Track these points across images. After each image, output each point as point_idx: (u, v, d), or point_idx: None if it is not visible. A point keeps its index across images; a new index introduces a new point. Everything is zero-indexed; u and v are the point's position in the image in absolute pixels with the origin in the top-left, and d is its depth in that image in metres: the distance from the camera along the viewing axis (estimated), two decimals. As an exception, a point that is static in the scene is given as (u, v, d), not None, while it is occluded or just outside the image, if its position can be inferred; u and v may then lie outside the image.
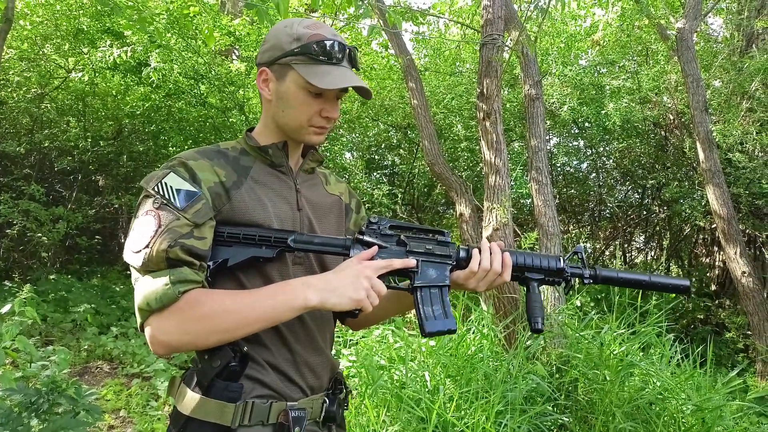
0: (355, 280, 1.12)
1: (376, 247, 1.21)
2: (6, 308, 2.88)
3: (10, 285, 6.57)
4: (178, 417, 1.15)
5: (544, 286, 1.37)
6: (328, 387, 1.31)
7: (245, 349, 1.13)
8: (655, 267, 9.04)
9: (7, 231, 7.18)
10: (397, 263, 1.19)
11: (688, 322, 7.04)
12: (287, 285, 1.12)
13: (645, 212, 8.95)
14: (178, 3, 6.33)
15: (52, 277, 7.28)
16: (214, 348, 1.10)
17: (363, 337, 4.21)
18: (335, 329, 1.42)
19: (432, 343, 3.66)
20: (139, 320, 1.07)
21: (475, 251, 1.27)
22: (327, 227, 1.34)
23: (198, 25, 6.63)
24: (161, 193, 1.10)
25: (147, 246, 1.05)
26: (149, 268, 1.05)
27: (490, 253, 1.26)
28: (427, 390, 3.20)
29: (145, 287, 1.05)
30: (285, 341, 1.22)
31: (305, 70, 1.19)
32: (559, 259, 1.31)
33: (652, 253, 9.54)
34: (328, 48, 1.19)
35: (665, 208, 8.16)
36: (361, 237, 1.24)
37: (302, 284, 1.11)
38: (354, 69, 1.25)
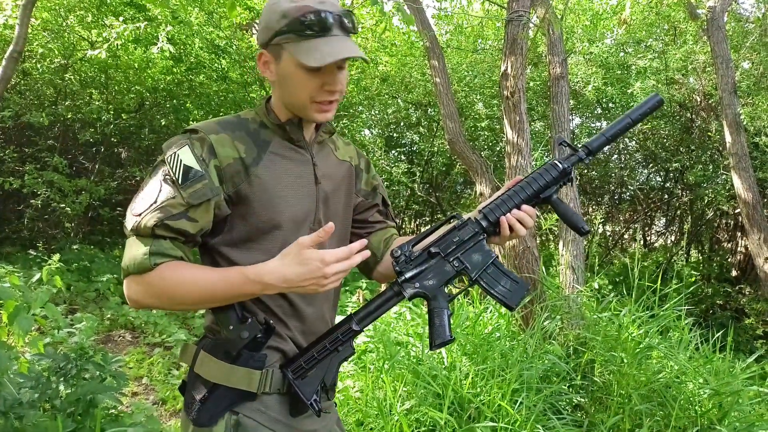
0: (310, 277, 1.09)
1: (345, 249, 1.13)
2: (36, 277, 2.96)
3: (35, 254, 6.71)
4: (201, 383, 1.19)
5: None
6: None
7: (271, 322, 1.19)
8: (675, 251, 8.96)
9: (32, 201, 7.31)
10: (355, 245, 1.13)
11: (707, 307, 6.99)
12: (246, 275, 1.11)
13: (667, 195, 8.83)
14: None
15: (75, 247, 7.42)
16: (242, 320, 1.17)
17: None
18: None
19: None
20: (122, 274, 1.15)
21: (502, 218, 1.30)
22: (339, 198, 1.37)
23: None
24: (171, 165, 1.15)
25: (140, 215, 1.11)
26: (137, 233, 1.12)
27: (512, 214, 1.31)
28: (443, 367, 3.23)
29: (129, 250, 1.12)
30: (297, 314, 1.26)
31: (296, 49, 1.15)
32: (556, 165, 1.34)
33: (672, 237, 9.46)
34: (314, 19, 1.14)
35: (688, 191, 8.05)
36: (403, 276, 1.27)
37: (259, 280, 1.11)
38: (350, 34, 1.21)
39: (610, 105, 7.76)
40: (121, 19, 6.18)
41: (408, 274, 1.27)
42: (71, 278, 6.29)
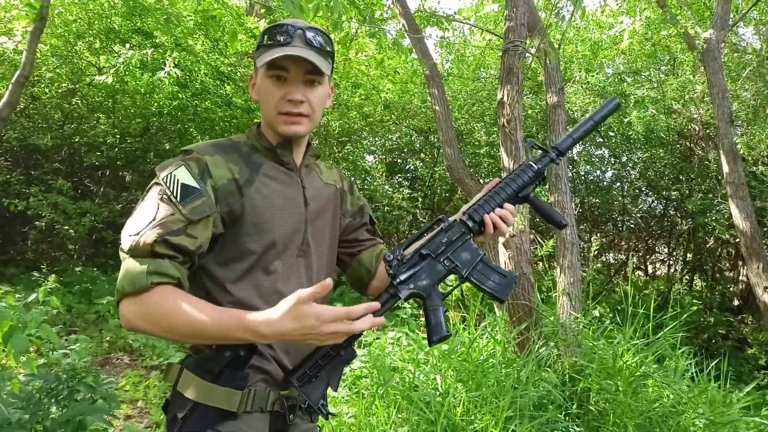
0: (306, 333, 1.08)
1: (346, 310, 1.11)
2: (32, 297, 2.98)
3: (38, 276, 6.75)
4: (183, 402, 1.20)
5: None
6: None
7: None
8: (678, 277, 8.92)
9: (36, 223, 7.38)
10: (361, 308, 1.12)
11: (709, 337, 6.93)
12: (241, 322, 1.08)
13: (668, 223, 8.83)
14: (205, 5, 6.46)
15: (78, 269, 7.45)
16: None
17: (377, 338, 4.24)
18: None
19: (444, 347, 3.68)
20: (116, 296, 1.13)
21: (486, 217, 1.38)
22: (326, 220, 1.41)
23: (224, 26, 6.75)
24: (168, 184, 1.16)
25: (137, 234, 1.11)
26: (135, 254, 1.11)
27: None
28: (437, 393, 3.22)
29: (126, 270, 1.11)
30: None
31: (260, 59, 1.25)
32: (531, 166, 1.44)
33: (678, 266, 9.42)
34: (276, 31, 1.24)
35: (689, 220, 8.05)
36: (398, 279, 1.31)
37: (253, 329, 1.08)
38: (314, 48, 1.25)
39: (610, 133, 7.81)
40: (127, 45, 6.31)
41: (402, 277, 1.32)
42: (72, 300, 6.31)
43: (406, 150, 9.66)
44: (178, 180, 1.16)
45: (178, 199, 1.14)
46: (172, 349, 5.25)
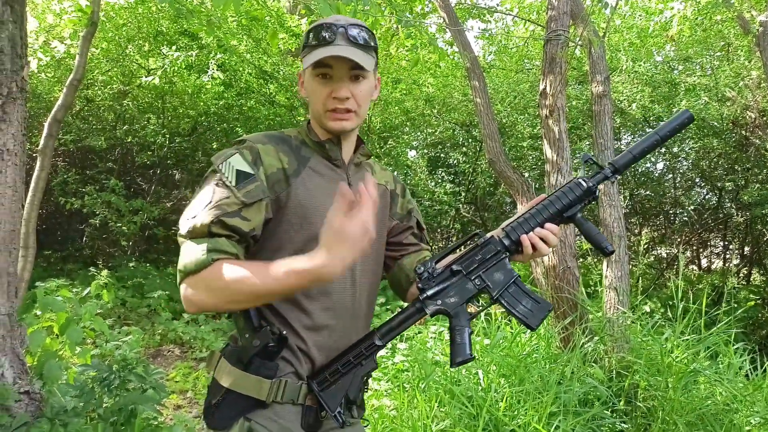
0: (353, 245, 1.07)
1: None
2: (86, 291, 3.12)
3: (94, 271, 7.05)
4: (217, 388, 1.25)
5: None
6: None
7: (284, 332, 1.22)
8: (734, 272, 8.57)
9: (90, 221, 7.70)
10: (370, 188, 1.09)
11: (767, 333, 6.63)
12: (301, 276, 1.09)
13: (722, 215, 8.48)
14: (247, 5, 6.58)
15: (131, 264, 7.74)
16: (256, 328, 1.20)
17: (419, 332, 4.25)
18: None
19: (486, 341, 3.65)
20: (178, 279, 1.17)
21: (524, 237, 1.30)
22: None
23: (266, 25, 6.86)
24: (223, 171, 1.21)
25: (195, 216, 1.16)
26: (193, 235, 1.16)
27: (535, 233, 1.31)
28: (480, 388, 3.20)
29: (186, 252, 1.15)
30: (316, 328, 1.28)
31: (306, 59, 1.28)
32: (581, 183, 1.33)
33: (734, 260, 9.05)
34: (317, 33, 1.27)
35: (745, 212, 7.72)
36: (425, 294, 1.29)
37: (315, 275, 1.08)
38: (357, 45, 1.26)
39: (660, 123, 7.55)
40: (174, 48, 6.50)
41: (430, 291, 1.29)
42: (126, 294, 6.56)
43: (448, 144, 9.61)
44: (233, 166, 1.21)
45: (234, 183, 1.19)
46: (220, 342, 5.40)
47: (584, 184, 1.32)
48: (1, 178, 2.39)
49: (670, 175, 9.00)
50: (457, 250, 1.41)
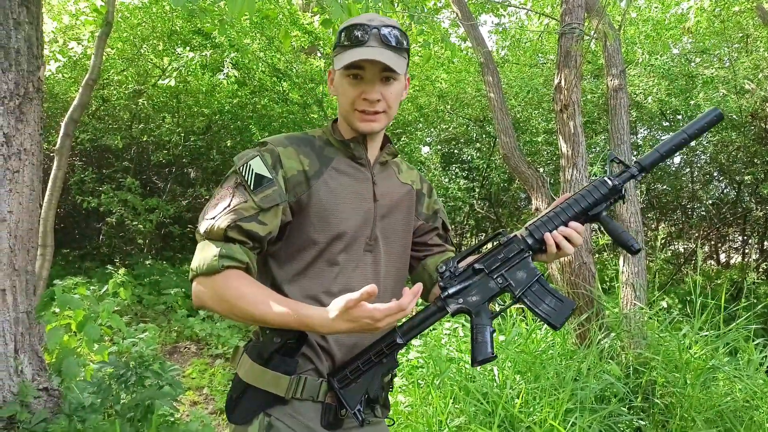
0: (361, 330, 1.15)
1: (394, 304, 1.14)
2: (103, 289, 3.15)
3: (112, 269, 7.13)
4: (238, 383, 1.26)
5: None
6: None
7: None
8: (753, 267, 8.44)
9: (107, 219, 7.79)
10: (406, 299, 1.15)
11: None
12: (300, 319, 1.15)
13: (741, 210, 8.36)
14: (259, 5, 6.59)
15: (148, 262, 7.82)
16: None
17: (433, 329, 4.23)
18: None
19: (501, 338, 3.63)
20: (190, 275, 1.21)
21: (547, 236, 1.29)
22: (397, 218, 1.40)
23: (279, 23, 6.87)
24: (243, 173, 1.23)
25: (213, 218, 1.19)
26: (210, 236, 1.19)
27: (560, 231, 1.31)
28: (495, 384, 3.18)
29: (200, 252, 1.19)
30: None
31: (338, 59, 1.27)
32: (606, 182, 1.31)
33: (755, 255, 8.91)
34: (350, 33, 1.26)
35: (765, 206, 7.59)
36: (447, 292, 1.29)
37: (311, 327, 1.15)
38: (390, 46, 1.25)
39: (677, 117, 7.46)
40: (188, 47, 6.53)
41: (451, 290, 1.29)
42: (143, 292, 6.63)
43: (462, 140, 9.56)
44: (252, 169, 1.23)
45: (252, 187, 1.21)
46: (236, 338, 5.44)
47: (609, 182, 1.31)
48: (18, 177, 2.42)
49: (688, 169, 8.88)
50: (480, 250, 1.40)
